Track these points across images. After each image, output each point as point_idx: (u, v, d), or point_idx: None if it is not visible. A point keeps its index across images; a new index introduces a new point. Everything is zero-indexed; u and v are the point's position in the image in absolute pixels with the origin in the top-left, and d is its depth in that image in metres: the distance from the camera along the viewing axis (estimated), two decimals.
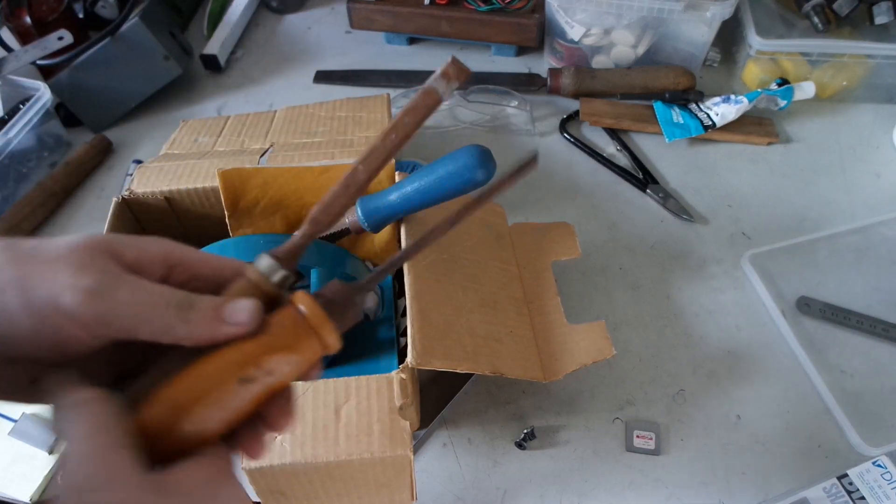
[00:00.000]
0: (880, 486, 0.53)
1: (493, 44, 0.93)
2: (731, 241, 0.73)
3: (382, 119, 0.69)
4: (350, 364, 0.57)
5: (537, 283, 0.60)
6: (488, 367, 0.51)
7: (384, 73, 0.93)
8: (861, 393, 0.61)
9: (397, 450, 0.45)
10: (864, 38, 0.81)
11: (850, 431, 0.58)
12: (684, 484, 0.56)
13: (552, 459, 0.58)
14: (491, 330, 0.54)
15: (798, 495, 0.54)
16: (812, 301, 0.66)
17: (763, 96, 0.80)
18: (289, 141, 0.68)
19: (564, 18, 0.84)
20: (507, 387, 0.62)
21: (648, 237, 0.74)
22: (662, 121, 0.81)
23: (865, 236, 0.72)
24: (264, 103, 0.90)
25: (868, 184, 0.78)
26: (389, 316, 0.60)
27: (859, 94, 0.86)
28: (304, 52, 0.97)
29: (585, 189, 0.78)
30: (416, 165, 0.79)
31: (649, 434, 0.59)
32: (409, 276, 0.52)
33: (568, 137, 0.83)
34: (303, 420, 0.46)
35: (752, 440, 0.59)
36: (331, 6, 1.04)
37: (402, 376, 0.47)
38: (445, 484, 0.57)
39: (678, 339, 0.65)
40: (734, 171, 0.80)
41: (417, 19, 0.91)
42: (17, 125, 0.76)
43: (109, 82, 0.84)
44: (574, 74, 0.85)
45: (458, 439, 0.60)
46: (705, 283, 0.70)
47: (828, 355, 0.63)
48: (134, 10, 0.83)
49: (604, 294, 0.69)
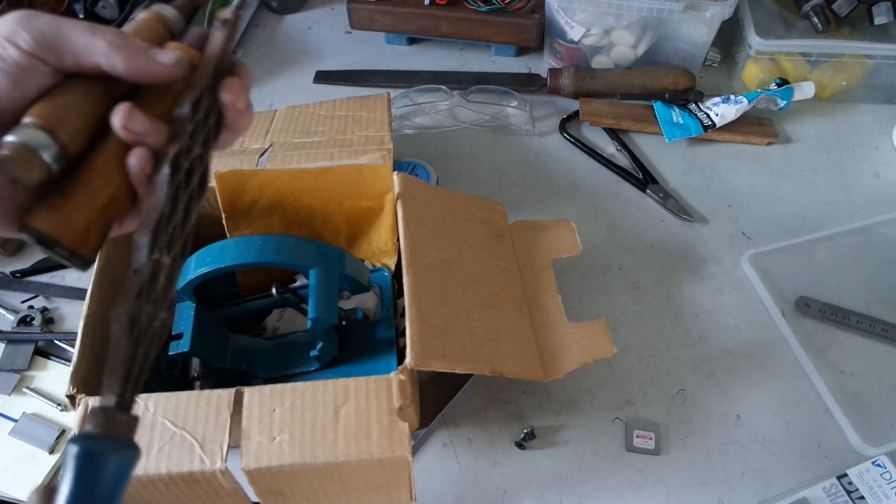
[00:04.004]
0: (879, 486, 0.53)
1: (493, 44, 0.93)
2: (731, 241, 0.73)
3: (382, 118, 0.69)
4: (349, 365, 0.57)
5: (538, 281, 0.60)
6: (488, 367, 0.51)
7: (384, 73, 0.93)
8: (861, 393, 0.61)
9: (396, 451, 0.45)
10: (863, 39, 0.81)
11: (849, 431, 0.58)
12: (684, 484, 0.56)
13: (552, 459, 0.58)
14: (491, 329, 0.54)
15: (798, 495, 0.54)
16: (812, 301, 0.66)
17: (763, 96, 0.80)
18: (288, 140, 0.68)
19: (564, 18, 0.84)
20: (507, 387, 0.62)
21: (648, 237, 0.74)
22: (662, 121, 0.81)
23: (865, 236, 0.72)
24: (264, 103, 0.90)
25: (868, 184, 0.78)
26: (388, 317, 0.60)
27: (859, 95, 0.86)
28: (304, 52, 0.97)
29: (585, 189, 0.78)
30: (417, 166, 0.79)
31: (649, 434, 0.59)
32: (408, 276, 0.52)
33: (568, 137, 0.83)
34: (302, 421, 0.46)
35: (752, 440, 0.59)
36: (331, 6, 1.04)
37: (401, 377, 0.47)
38: (445, 484, 0.57)
39: (678, 339, 0.65)
40: (734, 172, 0.80)
41: (417, 19, 0.91)
42: None
43: None
44: (574, 74, 0.85)
45: (458, 439, 0.60)
46: (705, 283, 0.70)
47: (827, 355, 0.63)
48: (134, 10, 0.83)
49: (603, 294, 0.69)
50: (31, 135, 0.26)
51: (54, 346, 0.67)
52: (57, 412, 0.62)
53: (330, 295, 0.54)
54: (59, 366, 0.65)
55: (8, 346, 0.65)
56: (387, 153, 0.63)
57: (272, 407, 0.47)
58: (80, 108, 0.28)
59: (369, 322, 0.59)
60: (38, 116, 0.27)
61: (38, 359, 0.65)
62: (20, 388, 0.63)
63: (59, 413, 0.62)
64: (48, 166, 0.27)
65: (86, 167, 0.28)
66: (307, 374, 0.57)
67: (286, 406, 0.47)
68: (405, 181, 0.59)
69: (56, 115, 0.27)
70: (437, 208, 0.60)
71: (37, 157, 0.26)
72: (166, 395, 0.47)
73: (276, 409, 0.46)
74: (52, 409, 0.62)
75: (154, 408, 0.47)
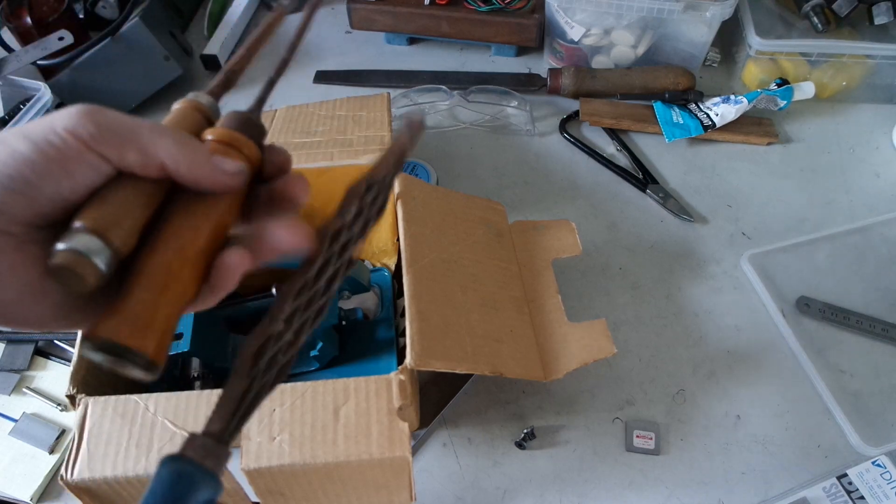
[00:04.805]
0: (879, 486, 0.53)
1: (493, 44, 0.93)
2: (731, 241, 0.73)
3: (382, 118, 0.69)
4: (349, 365, 0.57)
5: (538, 281, 0.60)
6: (488, 368, 0.51)
7: (384, 73, 0.93)
8: (861, 393, 0.61)
9: (396, 451, 0.45)
10: (863, 39, 0.81)
11: (849, 431, 0.58)
12: (684, 483, 0.56)
13: (552, 459, 0.58)
14: (491, 329, 0.54)
15: (798, 495, 0.54)
16: (812, 301, 0.66)
17: (763, 96, 0.80)
18: (288, 140, 0.68)
19: (564, 18, 0.84)
20: (507, 387, 0.62)
21: (648, 237, 0.74)
22: (662, 121, 0.81)
23: (865, 236, 0.72)
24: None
25: (867, 184, 0.78)
26: (388, 316, 0.60)
27: (859, 95, 0.86)
28: (304, 52, 0.97)
29: (585, 189, 0.78)
30: (417, 166, 0.79)
31: (649, 434, 0.59)
32: (409, 276, 0.52)
33: (568, 137, 0.83)
34: (302, 421, 0.46)
35: (752, 440, 0.59)
36: (331, 6, 1.04)
37: (401, 377, 0.47)
38: (445, 484, 0.57)
39: (678, 339, 0.65)
40: (734, 171, 0.80)
41: (417, 19, 0.91)
42: (17, 125, 0.76)
43: (110, 82, 0.84)
44: (574, 74, 0.85)
45: (458, 439, 0.60)
46: (705, 283, 0.70)
47: (827, 355, 0.63)
48: (134, 10, 0.83)
49: (603, 294, 0.69)
50: (83, 241, 0.25)
51: (54, 345, 0.67)
52: (57, 412, 0.62)
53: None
54: (59, 366, 0.65)
55: (8, 346, 0.65)
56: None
57: (272, 407, 0.47)
58: (133, 209, 0.27)
59: (369, 322, 0.59)
60: (90, 220, 0.25)
61: (38, 359, 0.65)
62: (20, 388, 0.63)
63: (59, 413, 0.62)
64: (102, 272, 0.25)
65: (149, 266, 0.27)
66: (307, 374, 0.57)
67: (286, 406, 0.47)
68: (405, 181, 0.59)
69: (109, 217, 0.26)
70: (437, 208, 0.60)
71: (90, 263, 0.25)
72: (166, 395, 0.47)
73: (276, 409, 0.46)
74: (53, 409, 0.62)
75: (154, 408, 0.47)
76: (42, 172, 0.25)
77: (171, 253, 0.27)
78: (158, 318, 0.26)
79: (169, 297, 0.27)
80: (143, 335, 0.26)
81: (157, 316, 0.26)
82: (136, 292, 0.26)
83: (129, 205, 0.27)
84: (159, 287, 0.26)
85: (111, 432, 0.46)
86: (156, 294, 0.26)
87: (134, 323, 0.25)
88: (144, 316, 0.26)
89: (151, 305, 0.26)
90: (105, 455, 0.45)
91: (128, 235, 0.26)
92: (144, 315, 0.26)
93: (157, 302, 0.26)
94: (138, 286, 0.26)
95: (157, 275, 0.26)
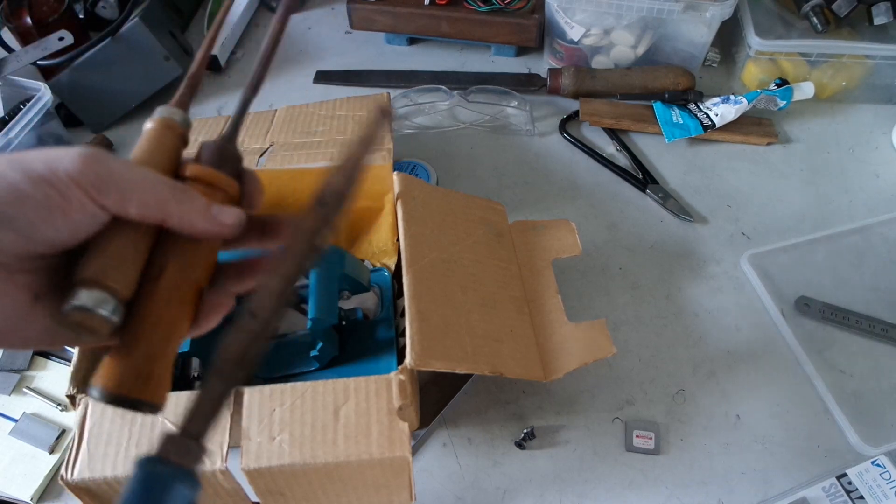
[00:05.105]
0: (879, 486, 0.54)
1: (493, 44, 0.93)
2: (731, 241, 0.73)
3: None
4: (349, 365, 0.57)
5: (538, 281, 0.60)
6: (488, 368, 0.51)
7: (384, 73, 0.93)
8: (860, 393, 0.61)
9: (396, 451, 0.45)
10: (863, 39, 0.81)
11: (849, 431, 0.58)
12: (684, 483, 0.57)
13: (552, 459, 0.58)
14: (491, 329, 0.54)
15: (797, 495, 0.54)
16: (811, 301, 0.66)
17: (762, 97, 0.80)
18: (288, 140, 0.68)
19: (564, 19, 0.84)
20: (507, 387, 0.62)
21: (648, 237, 0.74)
22: (662, 121, 0.81)
23: (865, 236, 0.72)
24: (264, 103, 0.90)
25: (867, 184, 0.78)
26: (388, 316, 0.60)
27: (858, 95, 0.86)
28: (304, 52, 0.97)
29: (585, 189, 0.78)
30: (417, 166, 0.79)
31: (649, 434, 0.59)
32: (408, 276, 0.52)
33: (568, 137, 0.83)
34: (302, 421, 0.46)
35: (752, 440, 0.59)
36: (331, 6, 1.04)
37: (400, 377, 0.47)
38: (445, 484, 0.57)
39: (678, 339, 0.65)
40: (734, 172, 0.80)
41: (417, 19, 0.91)
42: (17, 125, 0.76)
43: (110, 82, 0.84)
44: (574, 74, 0.85)
45: (458, 439, 0.60)
46: (705, 283, 0.70)
47: (827, 355, 0.63)
48: (134, 10, 0.83)
49: (603, 294, 0.69)
50: (91, 297, 0.26)
51: None
52: (57, 412, 0.62)
53: (330, 295, 0.54)
54: (59, 366, 0.65)
55: None
56: (387, 153, 0.63)
57: (272, 407, 0.47)
58: (132, 255, 0.27)
59: (369, 322, 0.59)
60: (93, 273, 0.26)
61: (38, 358, 0.65)
62: (20, 387, 0.63)
63: (60, 413, 0.62)
64: (114, 323, 0.26)
65: (143, 313, 0.27)
66: (307, 374, 0.57)
67: (286, 406, 0.47)
68: (405, 181, 0.59)
69: (110, 268, 0.27)
70: (437, 208, 0.60)
71: (100, 317, 0.26)
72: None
73: (276, 409, 0.46)
74: (53, 408, 0.62)
75: None
76: (42, 217, 0.25)
77: (174, 307, 0.28)
78: (163, 367, 0.28)
79: (172, 346, 0.28)
80: (151, 388, 0.27)
81: (162, 365, 0.27)
82: (141, 346, 0.27)
83: (127, 251, 0.27)
84: (163, 340, 0.28)
85: (111, 432, 0.46)
86: (160, 347, 0.27)
87: (141, 376, 0.27)
88: (150, 369, 0.27)
89: (157, 358, 0.27)
90: (105, 455, 0.45)
91: (131, 282, 0.27)
92: (150, 368, 0.27)
93: (162, 353, 0.27)
94: (144, 339, 0.27)
95: (161, 326, 0.28)
